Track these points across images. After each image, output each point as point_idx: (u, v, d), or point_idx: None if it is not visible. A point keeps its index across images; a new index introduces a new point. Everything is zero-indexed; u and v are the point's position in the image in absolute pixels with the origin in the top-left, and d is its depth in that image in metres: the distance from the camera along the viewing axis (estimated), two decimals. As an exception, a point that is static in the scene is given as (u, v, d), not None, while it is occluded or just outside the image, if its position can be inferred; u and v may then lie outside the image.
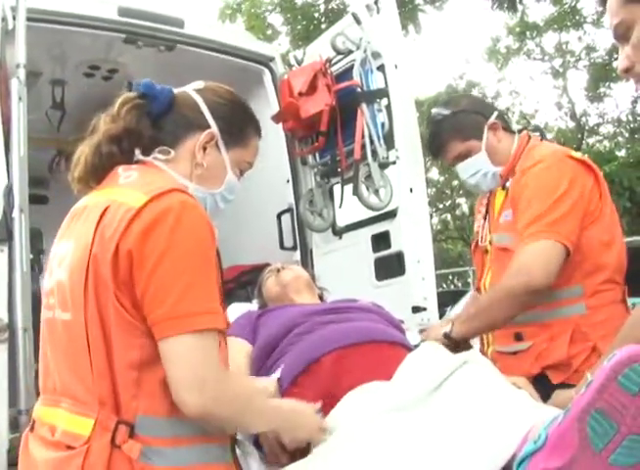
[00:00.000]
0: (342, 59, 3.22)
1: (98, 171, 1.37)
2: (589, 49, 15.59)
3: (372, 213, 3.14)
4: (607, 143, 16.32)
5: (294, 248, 3.51)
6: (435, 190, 17.89)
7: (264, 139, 1.56)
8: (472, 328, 1.98)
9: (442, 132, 2.17)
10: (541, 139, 2.22)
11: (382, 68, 3.09)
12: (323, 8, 11.63)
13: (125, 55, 3.43)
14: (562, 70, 16.38)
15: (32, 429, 1.33)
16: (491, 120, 2.13)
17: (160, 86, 1.42)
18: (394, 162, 3.04)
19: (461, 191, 17.20)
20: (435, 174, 17.67)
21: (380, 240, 3.14)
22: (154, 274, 1.17)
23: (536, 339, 2.00)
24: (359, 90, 3.06)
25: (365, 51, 3.08)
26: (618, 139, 16.18)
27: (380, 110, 3.07)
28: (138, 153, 1.38)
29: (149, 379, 1.19)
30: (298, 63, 3.46)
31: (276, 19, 12.09)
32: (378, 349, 1.71)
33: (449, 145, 2.16)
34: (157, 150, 1.38)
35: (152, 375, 1.19)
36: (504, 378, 1.53)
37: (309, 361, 1.66)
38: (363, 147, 3.02)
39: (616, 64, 1.25)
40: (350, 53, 3.15)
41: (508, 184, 2.10)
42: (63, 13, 2.96)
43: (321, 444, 1.40)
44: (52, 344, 1.30)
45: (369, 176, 3.02)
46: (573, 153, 2.08)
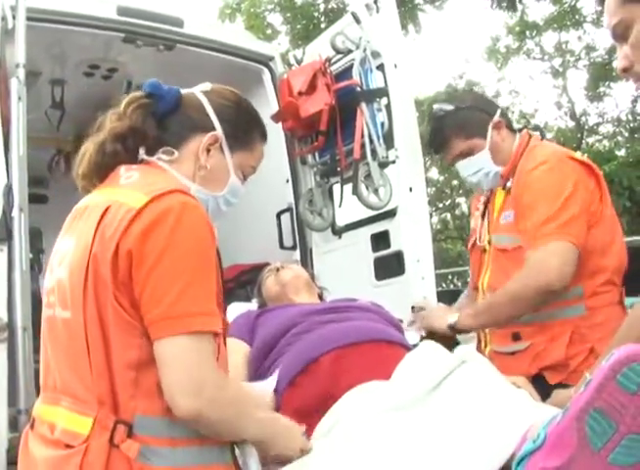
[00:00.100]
0: (341, 58, 3.22)
1: (101, 169, 1.37)
2: (589, 48, 15.58)
3: (371, 213, 3.14)
4: (606, 142, 16.31)
5: (293, 247, 3.51)
6: (435, 189, 17.88)
7: (264, 139, 1.55)
8: (479, 323, 2.00)
9: (445, 129, 2.13)
10: (541, 138, 2.21)
11: (381, 67, 3.09)
12: (322, 7, 11.64)
13: (125, 54, 3.42)
14: (561, 70, 16.37)
15: (32, 427, 1.33)
16: (496, 119, 2.11)
17: (168, 87, 1.42)
18: (394, 161, 3.03)
19: (461, 190, 17.19)
20: (435, 174, 17.66)
21: (379, 239, 3.14)
22: (152, 274, 1.17)
23: (534, 339, 2.00)
24: (359, 89, 3.06)
25: (365, 50, 3.07)
26: (618, 139, 16.17)
27: (379, 109, 3.07)
28: (142, 152, 1.38)
29: (147, 379, 1.19)
30: (298, 62, 3.46)
31: (276, 18, 12.12)
32: (377, 348, 1.71)
33: (452, 142, 2.12)
34: (161, 150, 1.38)
35: (150, 375, 1.19)
36: (503, 377, 1.53)
37: (308, 361, 1.66)
38: (363, 146, 3.02)
39: (615, 63, 1.24)
40: (350, 52, 3.15)
41: (509, 184, 2.09)
42: (62, 12, 2.96)
43: (320, 443, 1.40)
44: (52, 342, 1.30)
45: (368, 176, 3.02)
46: (575, 154, 2.07)
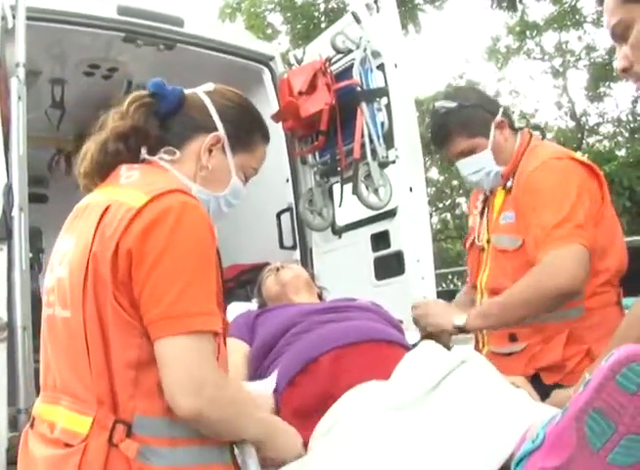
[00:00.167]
0: (341, 58, 3.21)
1: (103, 169, 1.37)
2: (589, 48, 15.57)
3: (371, 213, 3.14)
4: (607, 143, 16.30)
5: (293, 247, 3.51)
6: (435, 189, 17.87)
7: (264, 138, 1.55)
8: (488, 324, 1.97)
9: (448, 125, 2.10)
10: (542, 138, 2.20)
11: (381, 67, 3.09)
12: (323, 7, 11.64)
13: (125, 54, 3.42)
14: (562, 70, 16.36)
15: (32, 426, 1.33)
16: (498, 118, 2.09)
17: (172, 87, 1.43)
18: (394, 161, 3.03)
19: (461, 190, 17.18)
20: (435, 174, 17.65)
21: (379, 239, 3.14)
22: (152, 273, 1.17)
23: (531, 340, 1.99)
24: (359, 89, 3.06)
25: (365, 50, 3.07)
26: (618, 139, 16.16)
27: (379, 109, 3.06)
28: (144, 152, 1.38)
29: (147, 379, 1.19)
30: (298, 62, 3.46)
31: (276, 18, 12.11)
32: (376, 348, 1.71)
33: (454, 140, 2.10)
34: (162, 150, 1.39)
35: (150, 375, 1.19)
36: (502, 377, 1.53)
37: (307, 361, 1.66)
38: (363, 146, 3.02)
39: (615, 63, 1.24)
40: (350, 52, 3.15)
41: (509, 184, 2.08)
42: (62, 12, 2.96)
43: (320, 444, 1.40)
44: (52, 341, 1.31)
45: (368, 175, 3.02)
46: (576, 155, 2.06)
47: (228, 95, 1.48)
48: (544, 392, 1.63)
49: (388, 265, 3.06)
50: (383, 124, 3.05)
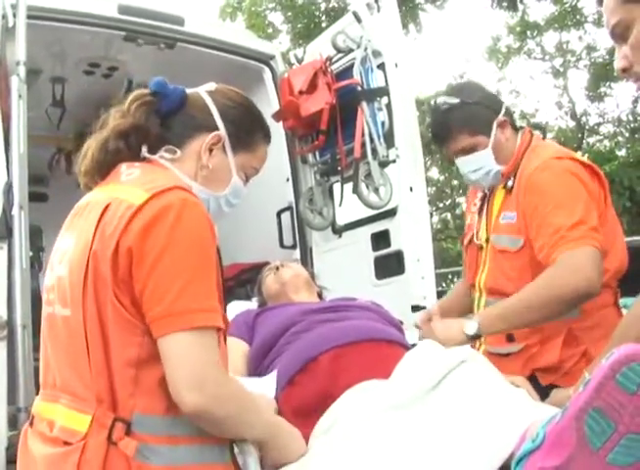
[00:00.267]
0: (342, 57, 3.22)
1: (103, 167, 1.37)
2: (590, 48, 15.58)
3: (372, 212, 3.14)
4: (607, 142, 16.30)
5: (293, 246, 3.51)
6: (435, 189, 17.87)
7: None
8: (504, 327, 1.88)
9: (450, 122, 2.06)
10: (543, 137, 2.19)
11: (382, 66, 3.09)
12: (324, 6, 11.66)
13: (125, 53, 3.43)
14: (562, 70, 16.36)
15: (31, 424, 1.33)
16: (501, 118, 2.06)
17: (174, 86, 1.42)
18: (394, 160, 3.04)
19: (461, 190, 17.17)
20: (436, 173, 17.66)
21: (379, 239, 3.14)
22: (153, 271, 1.16)
23: (528, 341, 1.98)
24: (359, 89, 3.06)
25: (365, 49, 3.08)
26: (619, 139, 16.17)
27: (380, 108, 3.07)
28: (145, 150, 1.38)
29: (146, 377, 1.19)
30: (299, 61, 3.46)
31: (276, 17, 12.13)
32: (376, 347, 1.71)
33: (455, 137, 2.06)
34: (163, 148, 1.38)
35: (150, 373, 1.19)
36: (502, 377, 1.53)
37: (307, 360, 1.66)
38: (363, 145, 3.02)
39: (615, 63, 1.23)
40: (351, 51, 3.15)
41: (510, 183, 2.07)
42: (63, 10, 2.96)
43: (319, 443, 1.40)
44: (52, 340, 1.30)
45: (369, 175, 3.03)
46: (578, 156, 2.05)
47: (230, 95, 1.48)
48: (540, 392, 1.63)
49: (389, 265, 3.07)
50: (383, 124, 3.05)
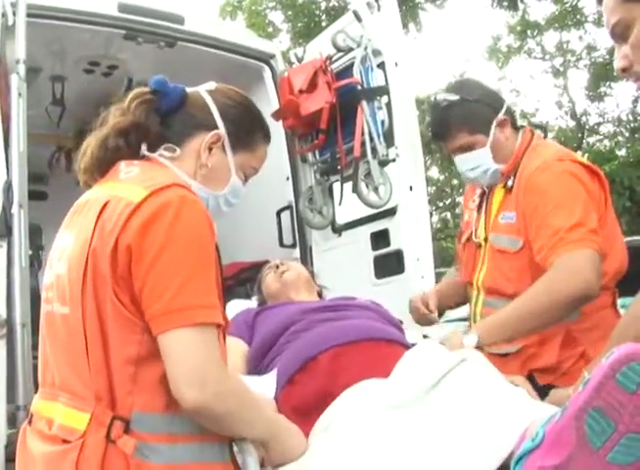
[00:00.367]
0: (342, 56, 3.22)
1: (102, 164, 1.37)
2: (590, 48, 15.59)
3: (371, 211, 3.14)
4: (607, 142, 16.32)
5: (293, 245, 3.51)
6: (435, 188, 17.89)
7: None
8: (505, 337, 1.85)
9: (449, 119, 2.04)
10: (544, 137, 2.18)
11: (382, 65, 3.09)
12: (324, 5, 11.67)
13: (125, 51, 3.42)
14: (562, 70, 16.37)
15: (30, 422, 1.33)
16: (501, 117, 2.04)
17: (174, 85, 1.42)
18: (394, 159, 3.03)
19: (461, 189, 17.18)
20: (435, 173, 17.68)
21: (379, 238, 3.14)
22: (152, 268, 1.16)
23: (526, 342, 1.97)
24: (359, 88, 3.06)
25: (366, 48, 3.07)
26: (619, 138, 16.18)
27: (380, 107, 3.07)
28: (144, 148, 1.38)
29: (146, 375, 1.19)
30: (299, 60, 3.46)
31: (277, 16, 12.14)
32: (376, 346, 1.71)
33: (454, 134, 2.04)
34: (163, 147, 1.38)
35: (149, 371, 1.18)
36: (502, 376, 1.53)
37: (306, 359, 1.66)
38: (363, 144, 3.02)
39: (615, 63, 1.23)
40: (351, 50, 3.15)
41: (509, 183, 2.06)
42: (63, 9, 2.96)
43: (318, 442, 1.40)
44: (51, 338, 1.30)
45: (369, 174, 3.02)
46: (578, 156, 2.04)
47: (230, 94, 1.48)
48: (537, 392, 1.63)
49: (388, 264, 3.07)
50: (383, 123, 3.05)
